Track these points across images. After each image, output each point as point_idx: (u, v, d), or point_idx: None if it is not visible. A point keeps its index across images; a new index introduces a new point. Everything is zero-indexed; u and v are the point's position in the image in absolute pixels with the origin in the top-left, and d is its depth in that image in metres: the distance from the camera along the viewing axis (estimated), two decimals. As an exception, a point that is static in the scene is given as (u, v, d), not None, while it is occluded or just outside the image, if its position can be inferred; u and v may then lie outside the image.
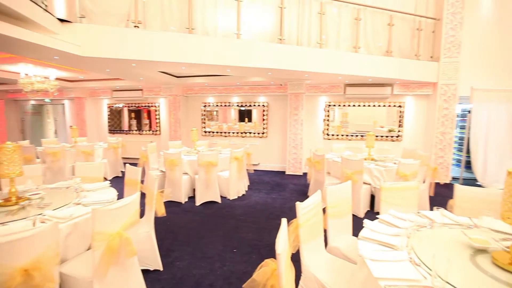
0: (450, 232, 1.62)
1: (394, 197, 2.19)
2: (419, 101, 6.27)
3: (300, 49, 4.82)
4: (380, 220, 1.78)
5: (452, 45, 5.63)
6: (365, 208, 3.88)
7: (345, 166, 3.71)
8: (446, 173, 5.83)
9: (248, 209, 4.16)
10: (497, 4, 5.78)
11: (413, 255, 1.34)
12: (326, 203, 2.01)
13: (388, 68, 5.39)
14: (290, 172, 6.61)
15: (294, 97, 6.39)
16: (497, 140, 5.75)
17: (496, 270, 1.23)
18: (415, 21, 5.83)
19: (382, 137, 6.46)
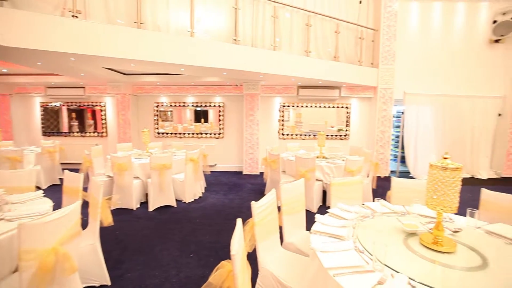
0: (388, 220, 1.82)
1: (342, 191, 2.37)
2: (362, 103, 6.90)
3: (255, 51, 4.89)
4: (330, 214, 1.91)
5: (388, 54, 6.32)
6: (318, 203, 4.12)
7: (299, 164, 3.89)
8: (386, 167, 6.54)
9: (205, 212, 4.08)
10: (421, 21, 6.69)
11: (358, 244, 1.47)
12: (280, 201, 2.08)
13: (336, 72, 5.81)
14: (247, 172, 6.67)
15: (249, 98, 6.47)
16: (424, 137, 6.66)
17: (423, 249, 1.42)
18: (358, 31, 6.40)
19: (332, 136, 6.94)
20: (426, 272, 1.24)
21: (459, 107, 6.64)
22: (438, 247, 1.40)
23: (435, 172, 1.37)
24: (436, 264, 1.30)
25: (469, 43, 6.75)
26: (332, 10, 6.26)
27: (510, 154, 6.71)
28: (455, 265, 1.28)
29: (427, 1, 6.65)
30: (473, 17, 6.72)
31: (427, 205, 1.44)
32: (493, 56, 6.75)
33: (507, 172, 6.75)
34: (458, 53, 6.75)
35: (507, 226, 1.69)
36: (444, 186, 1.35)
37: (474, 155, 6.74)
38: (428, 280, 1.15)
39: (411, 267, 1.27)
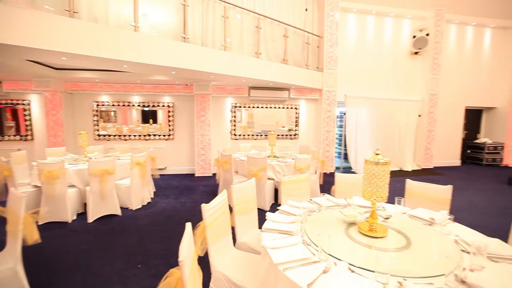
0: (332, 213, 1.97)
1: (292, 188, 2.48)
2: (310, 104, 7.35)
3: (206, 50, 4.80)
4: (280, 211, 1.98)
5: (331, 59, 6.86)
6: (270, 201, 4.24)
7: (250, 164, 3.95)
8: (331, 164, 7.09)
9: (154, 218, 3.84)
10: (359, 31, 7.44)
11: (305, 237, 1.55)
12: (232, 202, 2.08)
13: (285, 74, 6.07)
14: (199, 174, 6.51)
15: (200, 98, 6.32)
16: (363, 135, 7.41)
17: (361, 237, 1.57)
18: (305, 36, 6.80)
19: (283, 136, 7.23)
20: (364, 257, 1.37)
21: (388, 109, 7.57)
22: (373, 233, 1.56)
23: (369, 166, 1.53)
24: (372, 248, 1.45)
25: (396, 53, 7.76)
26: (281, 15, 6.52)
27: (427, 149, 7.93)
28: (387, 248, 1.45)
29: (362, 14, 7.42)
30: (398, 31, 7.74)
31: (364, 196, 1.60)
32: (413, 65, 7.88)
33: (425, 164, 7.96)
34: (387, 61, 7.70)
35: (425, 209, 1.98)
36: (376, 178, 1.51)
37: (401, 150, 7.77)
38: (364, 264, 1.27)
39: (352, 254, 1.40)
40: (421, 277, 1.18)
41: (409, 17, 7.64)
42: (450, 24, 8.01)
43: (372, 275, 1.19)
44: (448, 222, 1.78)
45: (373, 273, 1.19)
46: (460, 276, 1.17)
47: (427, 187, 2.34)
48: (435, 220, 1.78)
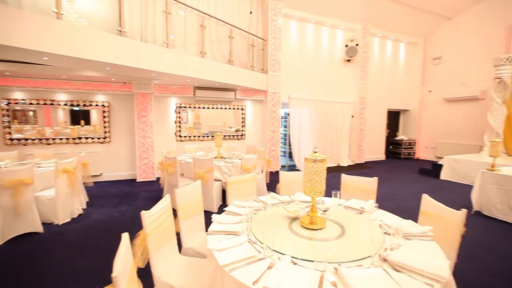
0: (277, 210, 2.05)
1: (238, 188, 2.50)
2: (256, 105, 7.52)
3: (145, 46, 4.47)
4: (226, 212, 1.97)
5: (275, 62, 7.15)
6: (218, 203, 4.19)
7: (196, 166, 3.84)
8: (277, 163, 7.39)
9: (87, 231, 3.41)
10: (300, 37, 7.93)
11: (251, 236, 1.58)
12: (177, 206, 1.98)
13: (231, 75, 6.08)
14: (142, 179, 6.04)
15: (141, 97, 5.87)
16: (305, 135, 7.93)
17: (303, 230, 1.67)
18: (250, 38, 6.93)
19: (230, 137, 7.24)
20: (305, 248, 1.47)
21: (326, 110, 8.27)
22: (313, 226, 1.68)
23: (308, 164, 1.64)
24: (312, 240, 1.56)
25: (332, 59, 8.53)
26: (226, 15, 6.52)
27: (359, 146, 8.93)
28: (325, 238, 1.58)
29: (303, 22, 7.94)
30: (334, 40, 8.52)
31: (304, 192, 1.71)
32: (346, 71, 8.78)
33: (358, 159, 8.95)
34: (325, 66, 8.40)
35: (357, 200, 2.22)
36: (315, 175, 1.63)
37: (338, 147, 8.57)
38: (306, 255, 1.36)
39: (294, 247, 1.48)
40: (353, 261, 1.32)
41: (342, 28, 8.49)
42: (374, 37, 9.18)
43: (312, 264, 1.28)
44: (375, 210, 2.03)
45: (313, 263, 1.28)
46: (383, 256, 1.35)
47: (358, 180, 2.63)
48: (365, 208, 2.01)
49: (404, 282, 1.16)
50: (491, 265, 2.70)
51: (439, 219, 1.82)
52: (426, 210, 1.97)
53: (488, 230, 3.60)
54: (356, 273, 1.19)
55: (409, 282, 1.16)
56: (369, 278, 1.17)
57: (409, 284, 1.15)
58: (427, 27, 9.37)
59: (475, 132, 8.12)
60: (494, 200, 3.98)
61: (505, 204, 3.86)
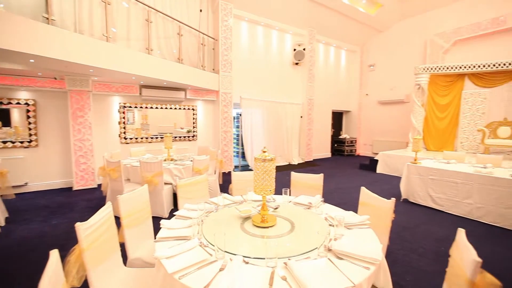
0: (229, 211, 2.04)
1: (189, 191, 2.42)
2: (207, 105, 7.39)
3: (80, 38, 4.00)
4: (176, 217, 1.88)
5: (227, 62, 7.12)
6: (169, 207, 3.99)
7: (144, 170, 3.59)
8: (230, 163, 7.38)
9: (7, 252, 2.90)
10: (251, 39, 8.05)
11: (203, 239, 1.54)
12: (120, 214, 1.82)
13: (181, 74, 5.85)
14: (79, 187, 5.39)
15: (77, 95, 5.24)
16: (257, 135, 8.08)
17: (255, 229, 1.70)
18: (200, 37, 6.77)
19: (181, 138, 6.96)
20: (257, 247, 1.49)
21: (277, 111, 8.57)
22: (265, 224, 1.72)
23: (258, 163, 1.68)
24: (264, 238, 1.59)
25: (282, 62, 8.87)
26: (174, 11, 6.25)
27: (308, 145, 9.49)
28: (276, 234, 1.63)
29: (254, 24, 8.07)
30: (283, 43, 8.87)
31: (255, 191, 1.74)
32: (295, 74, 9.24)
33: (307, 157, 9.50)
34: (276, 68, 8.69)
35: (305, 196, 2.35)
36: (265, 174, 1.67)
37: (289, 147, 8.96)
38: (258, 253, 1.38)
39: (247, 246, 1.49)
40: (301, 254, 1.39)
41: (290, 32, 8.90)
42: (319, 43, 9.86)
43: (263, 262, 1.31)
44: (321, 204, 2.18)
45: (264, 260, 1.31)
46: (327, 246, 1.45)
47: (306, 177, 2.78)
48: (312, 203, 2.14)
49: (346, 268, 1.27)
50: (415, 244, 3.14)
51: (374, 208, 2.04)
52: (364, 201, 2.19)
53: (413, 214, 4.18)
54: (304, 265, 1.26)
55: (350, 268, 1.27)
56: (316, 268, 1.25)
57: (350, 269, 1.26)
58: (363, 37, 10.44)
59: (402, 130, 9.34)
60: (417, 188, 4.65)
61: (425, 191, 4.54)
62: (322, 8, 8.24)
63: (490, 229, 3.62)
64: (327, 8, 8.31)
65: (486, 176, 3.83)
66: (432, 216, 4.10)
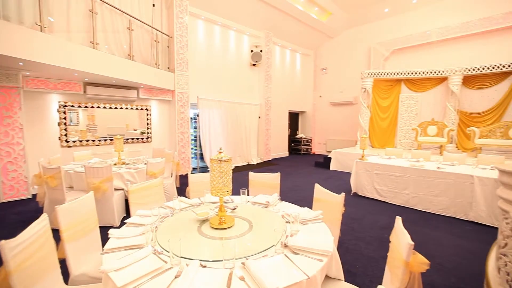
0: (185, 214, 1.97)
1: (143, 196, 2.27)
2: (163, 106, 7.04)
3: (7, 26, 3.46)
4: (128, 224, 1.76)
5: (182, 61, 6.88)
6: (121, 215, 3.70)
7: (90, 175, 3.27)
8: (188, 165, 7.15)
9: None
10: (208, 38, 7.90)
11: (157, 246, 1.46)
12: (60, 226, 1.63)
13: (132, 71, 5.46)
14: (8, 199, 4.66)
15: (3, 92, 4.52)
16: (216, 135, 7.98)
17: (213, 231, 1.67)
18: (153, 33, 6.41)
19: (134, 140, 6.51)
20: (215, 249, 1.47)
21: (236, 111, 8.59)
22: (223, 225, 1.70)
23: (214, 164, 1.66)
24: (223, 239, 1.58)
25: (239, 63, 8.90)
26: (124, 4, 5.81)
27: (266, 144, 9.69)
28: (234, 235, 1.62)
29: (210, 23, 7.95)
30: (240, 44, 8.91)
31: (212, 193, 1.71)
32: (253, 75, 9.36)
33: (266, 157, 9.71)
34: (233, 69, 8.69)
35: (263, 195, 2.40)
36: (221, 175, 1.66)
37: (248, 147, 9.04)
38: (215, 256, 1.36)
39: (204, 250, 1.46)
40: (259, 252, 1.41)
41: (248, 33, 8.98)
42: (276, 45, 10.14)
43: (221, 264, 1.30)
44: (278, 202, 2.24)
45: (222, 262, 1.30)
46: (284, 242, 1.50)
47: (263, 177, 2.84)
48: (269, 202, 2.19)
49: (301, 262, 1.33)
50: (363, 234, 3.43)
51: (327, 203, 2.17)
52: (317, 197, 2.31)
53: (361, 206, 4.57)
54: (262, 263, 1.28)
55: (305, 261, 1.34)
56: (273, 265, 1.28)
57: (305, 263, 1.32)
58: (316, 42, 11.06)
59: (352, 129, 10.14)
60: (364, 183, 5.09)
61: (371, 185, 4.99)
62: (278, 12, 8.49)
63: (422, 215, 4.14)
64: (283, 13, 8.59)
65: (418, 169, 4.37)
66: (377, 207, 4.53)
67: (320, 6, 9.06)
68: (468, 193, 3.87)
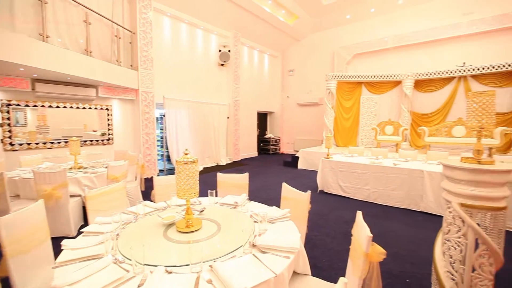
0: (150, 219, 1.88)
1: (103, 202, 2.12)
2: (125, 105, 6.65)
3: None
4: (85, 233, 1.63)
5: (147, 59, 6.56)
6: (78, 223, 3.42)
7: (40, 182, 2.96)
8: (154, 168, 6.85)
9: None
10: (174, 36, 7.64)
11: (118, 255, 1.37)
12: (1, 241, 1.45)
13: (89, 68, 5.07)
14: None
15: None
16: (183, 136, 7.76)
17: (179, 235, 1.62)
18: (114, 28, 6.02)
19: (93, 142, 6.05)
20: (182, 253, 1.42)
21: (204, 112, 8.44)
22: (190, 229, 1.66)
23: (179, 166, 1.61)
24: (190, 243, 1.54)
25: (207, 63, 8.76)
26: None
27: (235, 145, 9.68)
28: (202, 238, 1.59)
29: (177, 21, 7.69)
30: (208, 43, 8.77)
31: (178, 195, 1.66)
32: (221, 75, 9.27)
33: (235, 157, 9.68)
34: (201, 68, 8.52)
35: (232, 196, 2.38)
36: (188, 177, 1.61)
37: (217, 147, 8.94)
38: (182, 260, 1.32)
39: (170, 255, 1.41)
40: (227, 254, 1.40)
41: (215, 33, 8.87)
42: (244, 46, 10.16)
43: (188, 268, 1.26)
44: (247, 202, 2.25)
45: (189, 266, 1.26)
46: (252, 242, 1.50)
47: (232, 177, 2.82)
48: (238, 203, 2.19)
49: (269, 260, 1.34)
50: (328, 229, 3.59)
51: (294, 201, 2.23)
52: (285, 195, 2.36)
53: (327, 203, 4.78)
54: (230, 264, 1.27)
55: (273, 259, 1.36)
56: (241, 266, 1.28)
57: (273, 261, 1.34)
58: (283, 44, 11.31)
59: (318, 129, 10.55)
60: (330, 180, 5.33)
61: (336, 182, 5.25)
62: (246, 12, 8.51)
63: (382, 208, 4.46)
64: (251, 14, 8.64)
65: (377, 166, 4.70)
66: (341, 203, 4.77)
67: (287, 9, 9.28)
68: (419, 187, 4.26)
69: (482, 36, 7.37)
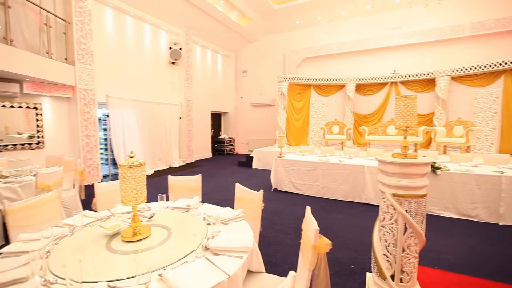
0: (90, 231, 1.70)
1: (28, 217, 1.84)
2: (59, 104, 5.88)
3: None
4: (3, 255, 1.38)
5: (86, 52, 5.91)
6: (-2, 242, 2.90)
7: None
8: (97, 173, 6.20)
9: None
10: (118, 30, 7.02)
11: (48, 276, 1.20)
12: None
13: (9, 59, 4.34)
14: None
15: None
16: (131, 138, 7.21)
17: (125, 245, 1.49)
18: (43, 14, 5.27)
19: (18, 146, 5.19)
20: (128, 265, 1.31)
21: (154, 112, 7.97)
22: (137, 237, 1.55)
23: (124, 170, 1.49)
24: (138, 252, 1.43)
25: (157, 61, 8.29)
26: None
27: (189, 146, 9.37)
28: (151, 246, 1.49)
29: (121, 13, 7.07)
30: (157, 40, 8.30)
31: (123, 202, 1.53)
32: (172, 74, 8.87)
33: (189, 159, 9.37)
34: (150, 66, 8.02)
35: (184, 199, 2.29)
36: (133, 181, 1.50)
37: (168, 149, 8.53)
38: (128, 272, 1.22)
39: (115, 268, 1.29)
40: (178, 260, 1.34)
41: (165, 29, 8.45)
42: (196, 45, 9.90)
43: (134, 280, 1.17)
44: (200, 205, 2.19)
45: (135, 278, 1.17)
46: (205, 245, 1.47)
47: (184, 180, 2.72)
48: (191, 206, 2.12)
49: (222, 262, 1.33)
50: (282, 225, 3.73)
51: (247, 200, 2.25)
52: (238, 195, 2.37)
53: (280, 200, 4.95)
54: (181, 271, 1.22)
55: (226, 261, 1.35)
56: (193, 271, 1.24)
57: (226, 262, 1.33)
58: (236, 45, 11.35)
59: (271, 129, 10.86)
60: (283, 178, 5.54)
61: (288, 180, 5.47)
62: (198, 10, 8.29)
63: (330, 202, 4.80)
64: (203, 12, 8.45)
65: (325, 163, 5.05)
66: (294, 200, 5.00)
67: (239, 11, 9.33)
68: (361, 180, 4.71)
69: (409, 48, 8.51)
